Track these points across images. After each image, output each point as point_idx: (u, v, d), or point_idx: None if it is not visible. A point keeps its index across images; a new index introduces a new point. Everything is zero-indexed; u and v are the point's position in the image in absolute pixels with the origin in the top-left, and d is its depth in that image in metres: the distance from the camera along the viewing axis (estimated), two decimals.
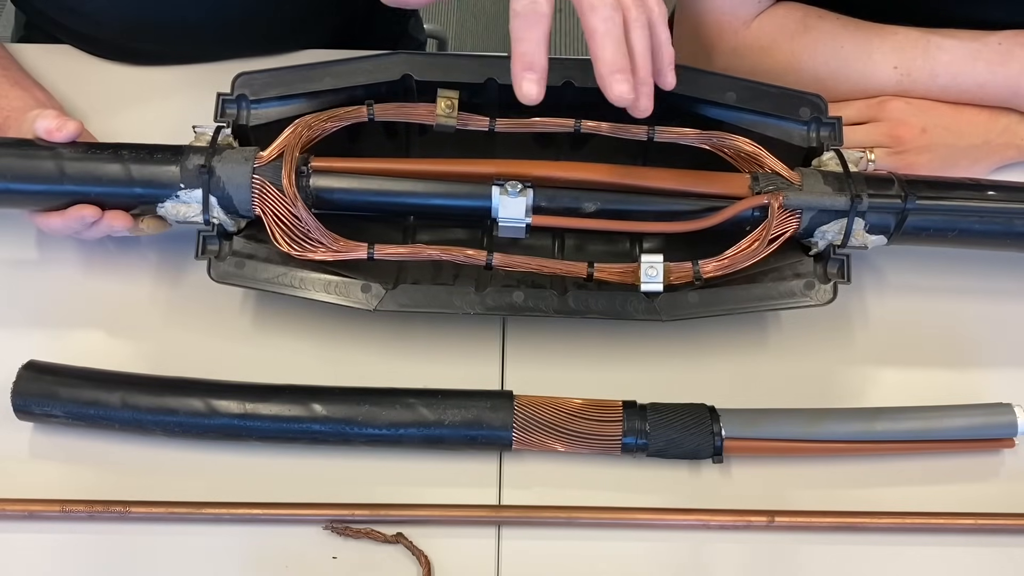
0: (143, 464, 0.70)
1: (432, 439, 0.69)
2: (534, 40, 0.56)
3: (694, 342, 0.76)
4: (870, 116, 0.81)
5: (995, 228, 0.72)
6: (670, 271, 0.69)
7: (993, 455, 0.72)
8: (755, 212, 0.70)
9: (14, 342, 0.75)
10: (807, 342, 0.77)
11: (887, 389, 0.75)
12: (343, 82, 0.73)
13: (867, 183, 0.70)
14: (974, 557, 0.68)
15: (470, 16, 1.98)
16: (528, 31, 0.55)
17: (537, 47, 0.56)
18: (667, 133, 0.72)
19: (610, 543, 0.68)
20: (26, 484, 0.69)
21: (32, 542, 0.67)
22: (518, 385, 0.72)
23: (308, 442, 0.69)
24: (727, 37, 0.82)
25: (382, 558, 0.67)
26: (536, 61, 0.56)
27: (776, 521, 0.68)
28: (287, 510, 0.68)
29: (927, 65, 0.80)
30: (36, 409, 0.69)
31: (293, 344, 0.76)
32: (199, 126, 0.73)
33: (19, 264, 0.79)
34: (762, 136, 0.73)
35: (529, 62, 0.56)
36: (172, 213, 0.71)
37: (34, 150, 0.70)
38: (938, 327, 0.78)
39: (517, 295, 0.70)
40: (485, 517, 0.69)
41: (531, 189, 0.69)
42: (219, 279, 0.71)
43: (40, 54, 0.89)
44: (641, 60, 0.57)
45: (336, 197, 0.71)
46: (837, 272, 0.71)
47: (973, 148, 0.81)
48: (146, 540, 0.67)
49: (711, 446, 0.68)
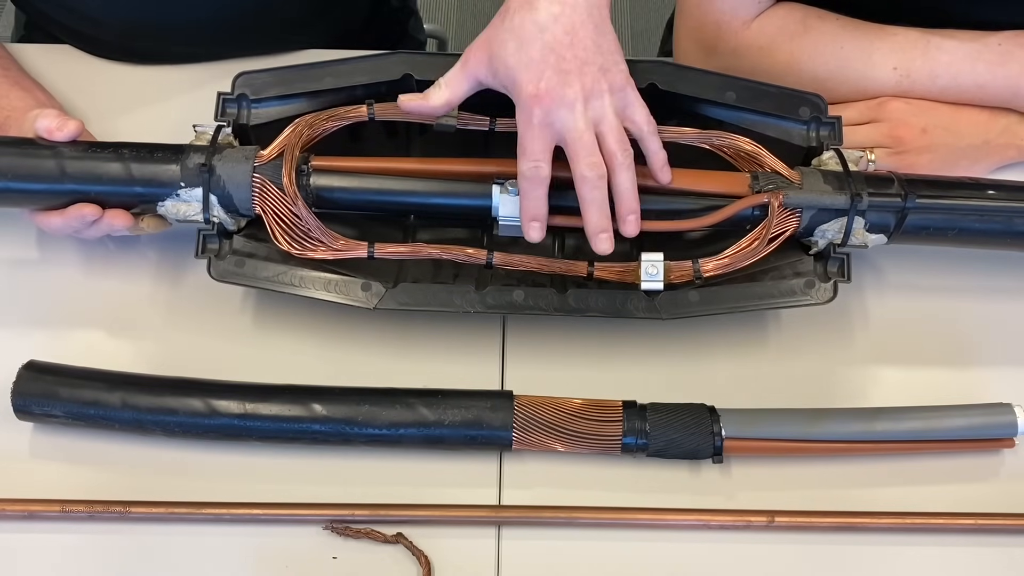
0: (143, 464, 0.70)
1: (432, 439, 0.69)
2: (538, 198, 0.66)
3: (694, 342, 0.76)
4: (870, 117, 0.81)
5: (995, 227, 0.72)
6: (670, 270, 0.69)
7: (993, 455, 0.72)
8: (755, 211, 0.70)
9: (14, 342, 0.75)
10: (807, 342, 0.77)
11: (887, 389, 0.75)
12: (343, 82, 0.73)
13: (867, 182, 0.70)
14: (974, 557, 0.68)
15: (470, 16, 1.98)
16: (533, 191, 0.66)
17: (539, 202, 0.67)
18: (667, 133, 0.72)
19: (610, 543, 0.68)
20: (26, 484, 0.69)
21: (32, 542, 0.67)
22: (518, 384, 0.72)
23: (308, 442, 0.69)
24: (727, 37, 0.82)
25: (382, 558, 0.67)
26: (539, 213, 0.67)
27: (776, 521, 0.68)
28: (287, 510, 0.68)
29: (927, 66, 0.80)
30: (36, 409, 0.69)
31: (293, 343, 0.76)
32: (199, 125, 0.73)
33: (19, 264, 0.79)
34: (762, 136, 0.73)
35: (534, 215, 0.67)
36: (172, 212, 0.71)
37: (35, 149, 0.70)
38: (938, 326, 0.78)
39: (517, 294, 0.70)
40: (485, 517, 0.69)
41: None
42: (219, 278, 0.71)
43: (40, 54, 0.89)
44: (625, 197, 0.67)
45: (336, 196, 0.71)
46: (837, 271, 0.71)
47: (973, 148, 0.81)
48: (146, 540, 0.67)
49: (711, 446, 0.68)
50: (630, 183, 0.66)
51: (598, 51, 0.65)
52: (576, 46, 0.64)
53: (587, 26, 0.64)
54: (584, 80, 0.64)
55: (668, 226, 0.70)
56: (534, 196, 0.66)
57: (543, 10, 0.64)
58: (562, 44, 0.64)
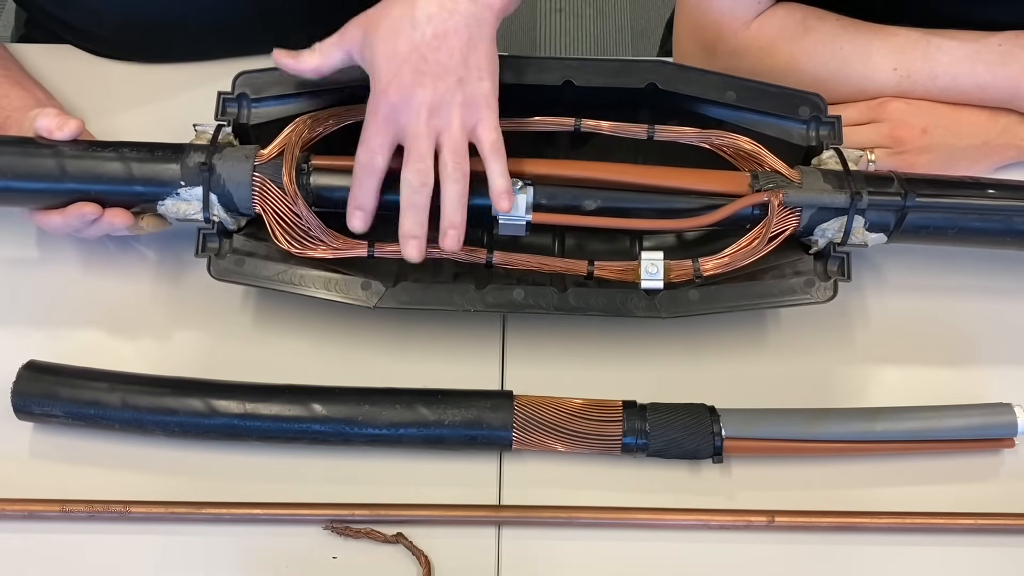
0: (143, 464, 0.70)
1: (432, 439, 0.69)
2: (369, 188, 0.67)
3: (694, 341, 0.76)
4: (870, 117, 0.81)
5: (995, 226, 0.72)
6: (670, 269, 0.69)
7: (993, 455, 0.72)
8: (755, 210, 0.70)
9: (14, 342, 0.74)
10: (807, 341, 0.77)
11: (887, 388, 0.75)
12: (344, 81, 0.73)
13: (867, 181, 0.70)
14: (974, 557, 0.68)
15: None
16: (365, 180, 0.66)
17: (369, 193, 0.67)
18: (667, 132, 0.72)
19: (610, 543, 0.68)
20: (26, 484, 0.69)
21: (32, 542, 0.67)
22: (518, 384, 0.72)
23: (308, 442, 0.69)
24: (727, 38, 0.82)
25: (382, 558, 0.67)
26: (365, 203, 0.67)
27: (776, 521, 0.68)
28: (287, 510, 0.68)
29: (927, 66, 0.79)
30: (36, 409, 0.69)
31: (293, 343, 0.76)
32: (200, 125, 0.73)
33: (19, 263, 0.79)
34: (762, 135, 0.73)
35: (360, 203, 0.67)
36: (172, 211, 0.71)
37: (35, 148, 0.70)
38: (938, 326, 0.78)
39: (517, 292, 0.70)
40: (485, 517, 0.69)
41: (531, 187, 0.69)
42: (219, 276, 0.71)
43: (41, 54, 0.89)
44: (447, 211, 0.66)
45: (336, 195, 0.71)
46: (837, 270, 0.71)
47: (973, 148, 0.81)
48: (146, 540, 0.67)
49: (711, 446, 0.68)
50: (455, 197, 0.65)
51: (463, 63, 0.65)
52: (441, 51, 0.64)
53: (460, 35, 0.65)
54: (438, 86, 0.64)
55: (668, 225, 0.70)
56: (365, 186, 0.66)
57: (421, 8, 0.65)
58: (429, 46, 0.64)
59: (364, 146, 0.66)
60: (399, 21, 0.65)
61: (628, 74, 0.74)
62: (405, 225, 0.66)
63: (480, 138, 0.66)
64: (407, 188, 0.65)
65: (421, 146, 0.65)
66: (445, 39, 0.64)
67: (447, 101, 0.65)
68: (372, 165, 0.66)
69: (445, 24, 0.64)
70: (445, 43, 0.64)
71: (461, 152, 0.65)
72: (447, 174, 0.65)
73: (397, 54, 0.65)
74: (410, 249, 0.66)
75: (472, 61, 0.65)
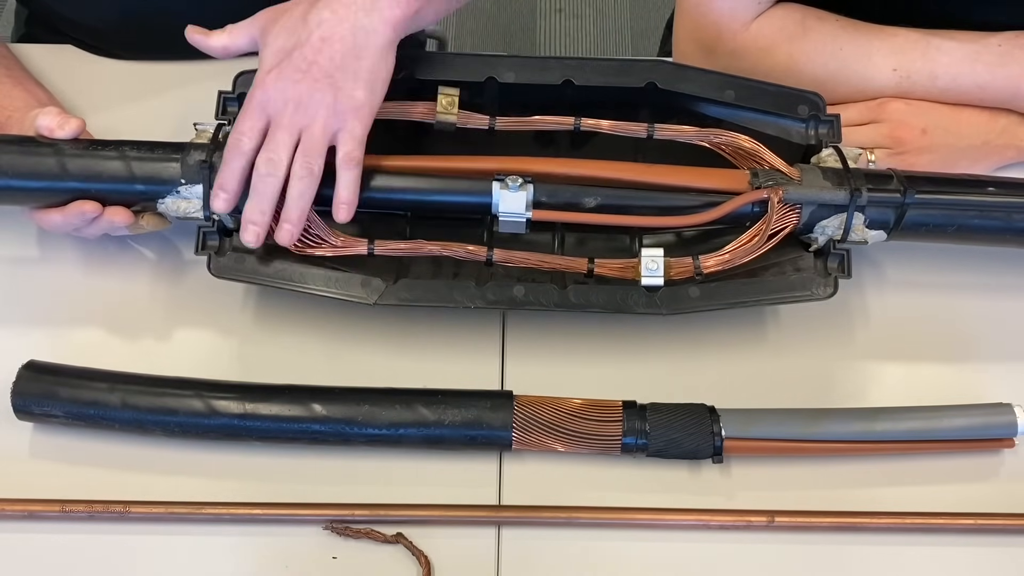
0: (143, 464, 0.70)
1: (432, 439, 0.69)
2: (234, 170, 0.67)
3: (694, 340, 0.76)
4: (870, 118, 0.81)
5: (994, 223, 0.72)
6: (670, 266, 0.69)
7: (993, 455, 0.72)
8: (755, 207, 0.70)
9: (14, 342, 0.74)
10: (807, 340, 0.77)
11: (887, 387, 0.75)
12: None
13: (866, 178, 0.71)
14: (974, 557, 0.68)
15: (470, 16, 1.98)
16: (232, 161, 0.67)
17: (234, 175, 0.67)
18: (667, 131, 0.72)
19: (610, 543, 0.68)
20: (26, 484, 0.69)
21: (32, 542, 0.67)
22: (518, 383, 0.72)
23: (308, 442, 0.69)
24: (726, 39, 0.82)
25: (382, 558, 0.67)
26: (229, 186, 0.67)
27: (776, 521, 0.68)
28: (287, 510, 0.68)
29: (927, 67, 0.80)
30: (36, 409, 0.69)
31: (294, 341, 0.76)
32: (200, 124, 0.73)
33: (19, 262, 0.79)
34: (761, 134, 0.74)
35: (222, 184, 0.68)
36: (173, 209, 0.71)
37: (36, 147, 0.70)
38: (938, 324, 0.78)
39: (517, 289, 0.70)
40: (485, 517, 0.69)
41: (531, 184, 0.69)
42: (218, 274, 0.71)
43: (42, 53, 0.89)
44: (289, 206, 0.67)
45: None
46: (837, 267, 0.71)
47: (973, 149, 0.81)
48: (146, 540, 0.67)
49: (711, 446, 0.68)
50: (298, 194, 0.67)
51: (343, 70, 0.67)
52: (323, 54, 0.67)
53: (345, 42, 0.67)
54: (313, 86, 0.66)
55: (668, 222, 0.70)
56: (231, 167, 0.67)
57: (316, 12, 0.67)
58: (314, 47, 0.67)
59: (235, 129, 0.68)
60: (295, 19, 0.68)
61: (628, 73, 0.74)
62: (246, 210, 0.67)
63: (338, 146, 0.68)
64: (255, 174, 0.67)
65: (278, 137, 0.67)
66: (330, 43, 0.67)
67: (316, 101, 0.66)
68: (238, 147, 0.67)
69: (333, 30, 0.67)
70: (329, 47, 0.67)
71: (314, 152, 0.67)
72: (295, 171, 0.67)
73: (284, 49, 0.68)
74: (247, 234, 0.67)
75: (352, 69, 0.67)
